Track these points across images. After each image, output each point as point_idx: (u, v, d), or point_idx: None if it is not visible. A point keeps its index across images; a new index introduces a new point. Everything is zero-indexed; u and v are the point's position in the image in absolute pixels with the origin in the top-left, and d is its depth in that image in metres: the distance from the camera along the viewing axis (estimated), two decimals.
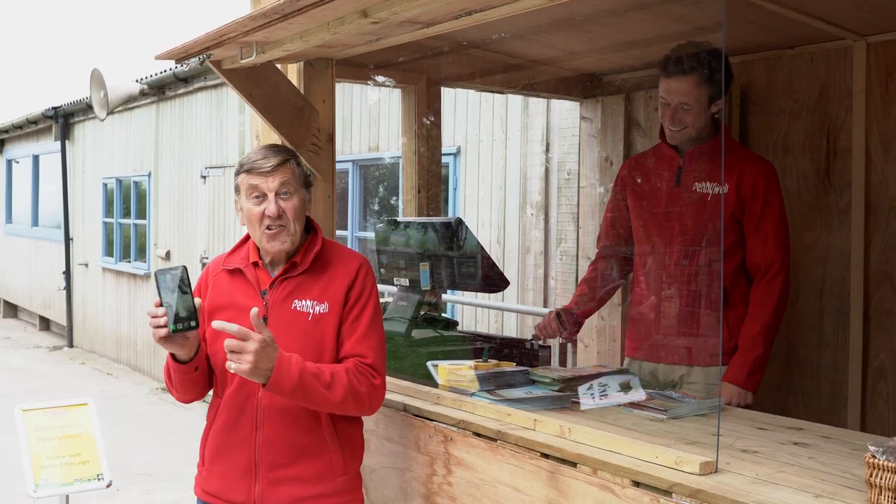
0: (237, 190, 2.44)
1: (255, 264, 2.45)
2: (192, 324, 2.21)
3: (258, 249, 2.46)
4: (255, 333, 2.15)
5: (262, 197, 2.38)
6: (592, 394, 2.62)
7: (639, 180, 3.22)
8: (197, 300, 2.23)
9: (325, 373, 2.28)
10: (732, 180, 2.98)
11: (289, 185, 2.39)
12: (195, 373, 2.37)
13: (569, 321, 3.28)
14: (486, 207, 6.11)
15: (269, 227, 2.38)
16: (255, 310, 2.17)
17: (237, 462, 2.39)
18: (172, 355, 2.33)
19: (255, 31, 2.56)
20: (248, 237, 2.52)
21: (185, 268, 2.24)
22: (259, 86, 2.99)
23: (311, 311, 2.39)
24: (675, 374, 3.10)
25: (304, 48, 2.70)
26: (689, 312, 3.05)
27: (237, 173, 2.44)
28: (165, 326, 2.20)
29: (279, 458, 2.36)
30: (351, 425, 2.45)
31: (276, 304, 2.40)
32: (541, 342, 3.35)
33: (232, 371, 2.18)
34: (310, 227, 2.50)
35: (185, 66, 3.26)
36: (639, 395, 2.65)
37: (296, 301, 2.40)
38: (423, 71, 3.92)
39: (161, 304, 2.20)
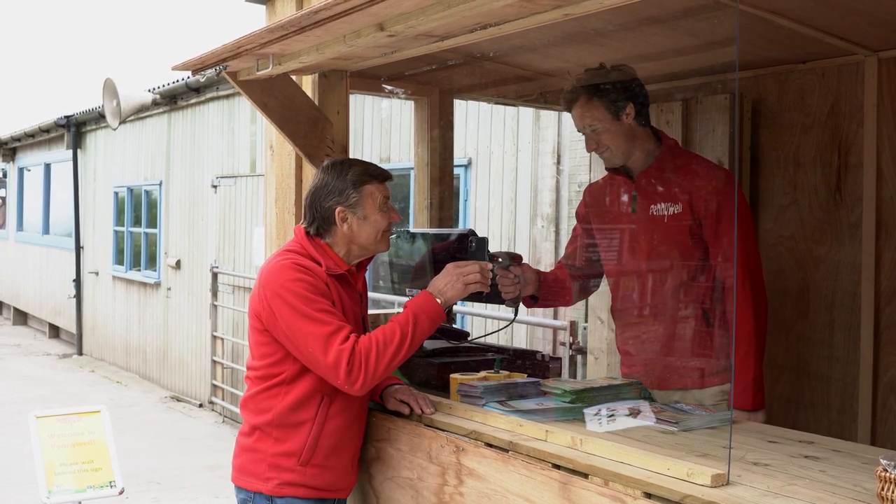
0: (356, 203, 2.53)
1: (349, 271, 2.61)
2: None
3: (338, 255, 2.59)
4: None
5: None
6: (600, 420, 2.58)
7: (602, 209, 3.18)
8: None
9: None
10: (685, 196, 2.91)
11: None
12: None
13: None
14: (496, 219, 6.13)
15: (385, 232, 2.60)
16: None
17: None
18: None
19: (272, 44, 2.59)
20: (302, 239, 2.57)
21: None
22: (274, 97, 3.01)
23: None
24: (671, 399, 3.07)
25: (320, 60, 2.73)
26: (674, 337, 3.02)
27: (363, 183, 2.53)
28: None
29: None
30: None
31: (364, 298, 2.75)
32: (511, 302, 3.15)
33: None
34: None
35: (201, 76, 3.29)
36: (649, 419, 2.59)
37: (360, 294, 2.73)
38: (436, 82, 3.94)
39: None
